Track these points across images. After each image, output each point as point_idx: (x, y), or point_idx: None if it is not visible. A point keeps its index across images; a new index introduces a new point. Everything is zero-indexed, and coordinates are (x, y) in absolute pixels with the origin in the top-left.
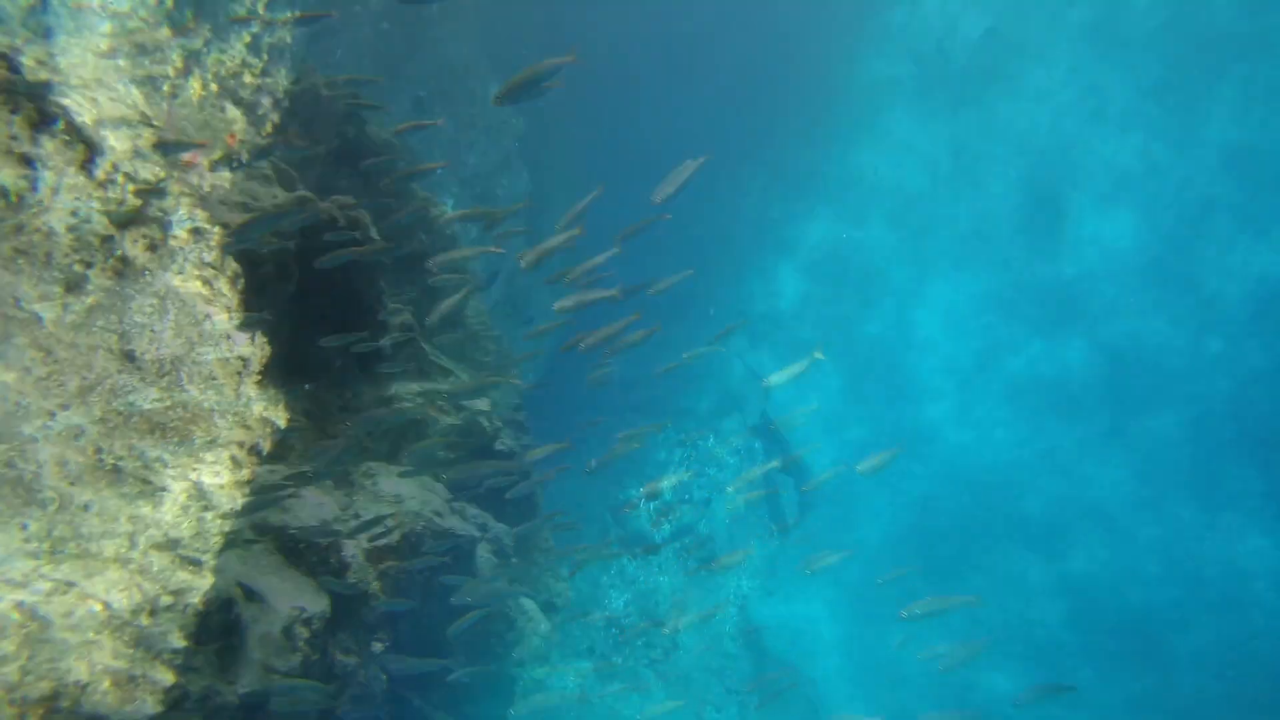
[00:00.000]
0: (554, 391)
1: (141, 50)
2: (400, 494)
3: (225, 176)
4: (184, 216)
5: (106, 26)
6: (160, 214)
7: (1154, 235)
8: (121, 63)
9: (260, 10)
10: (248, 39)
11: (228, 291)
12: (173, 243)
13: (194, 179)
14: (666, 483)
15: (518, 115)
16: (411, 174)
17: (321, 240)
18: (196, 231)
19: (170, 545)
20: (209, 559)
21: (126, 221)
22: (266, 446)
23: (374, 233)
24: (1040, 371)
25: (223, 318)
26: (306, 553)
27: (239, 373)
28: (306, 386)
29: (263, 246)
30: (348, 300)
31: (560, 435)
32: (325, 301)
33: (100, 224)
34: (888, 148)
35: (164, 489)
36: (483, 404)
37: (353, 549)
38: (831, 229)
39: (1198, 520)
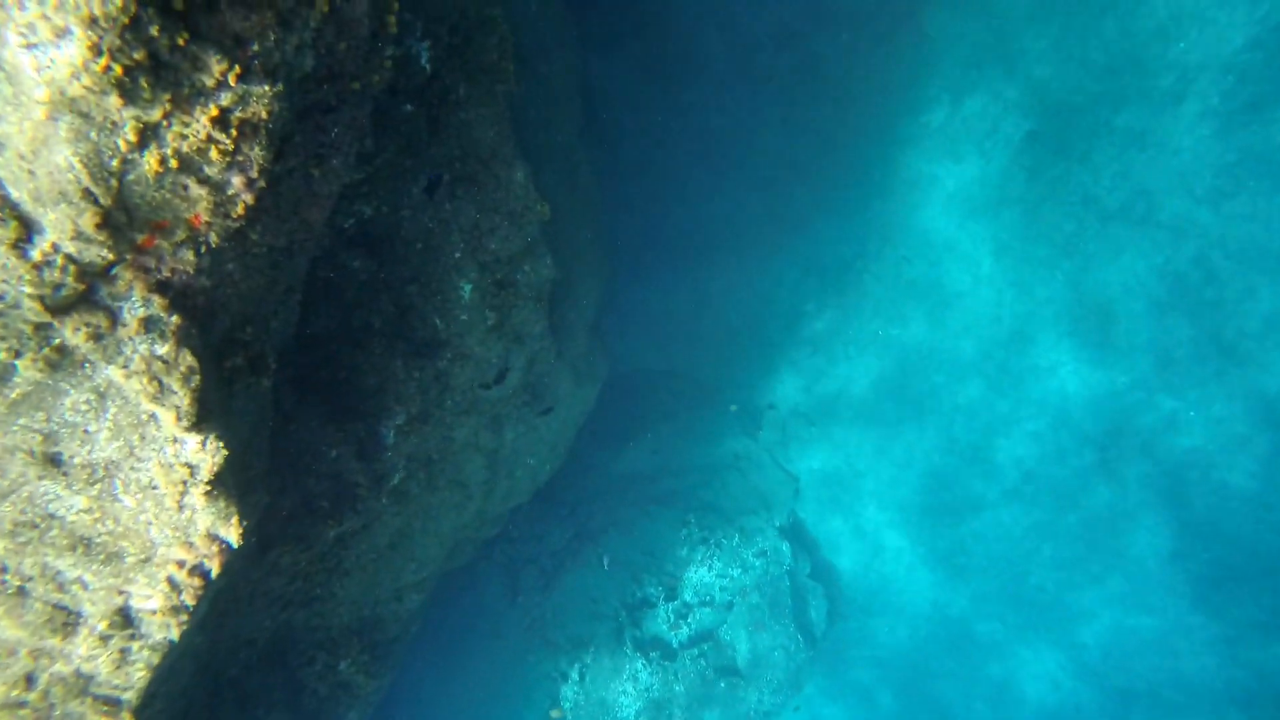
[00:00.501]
0: (573, 480)
1: (87, 120)
2: None
3: (188, 260)
4: (137, 303)
5: (44, 93)
6: (109, 300)
7: (1212, 347)
8: (63, 133)
9: (231, 81)
10: (215, 112)
11: (179, 389)
12: (121, 332)
13: (151, 262)
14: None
15: (544, 201)
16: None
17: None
18: (149, 320)
19: (82, 683)
20: (131, 697)
21: (66, 307)
22: (214, 568)
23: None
24: (1089, 484)
25: (170, 418)
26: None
27: (184, 481)
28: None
29: (236, 334)
30: (350, 386)
31: (577, 523)
32: (327, 387)
33: (32, 310)
34: (926, 246)
35: (80, 615)
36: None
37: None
38: (867, 325)
39: (1276, 664)
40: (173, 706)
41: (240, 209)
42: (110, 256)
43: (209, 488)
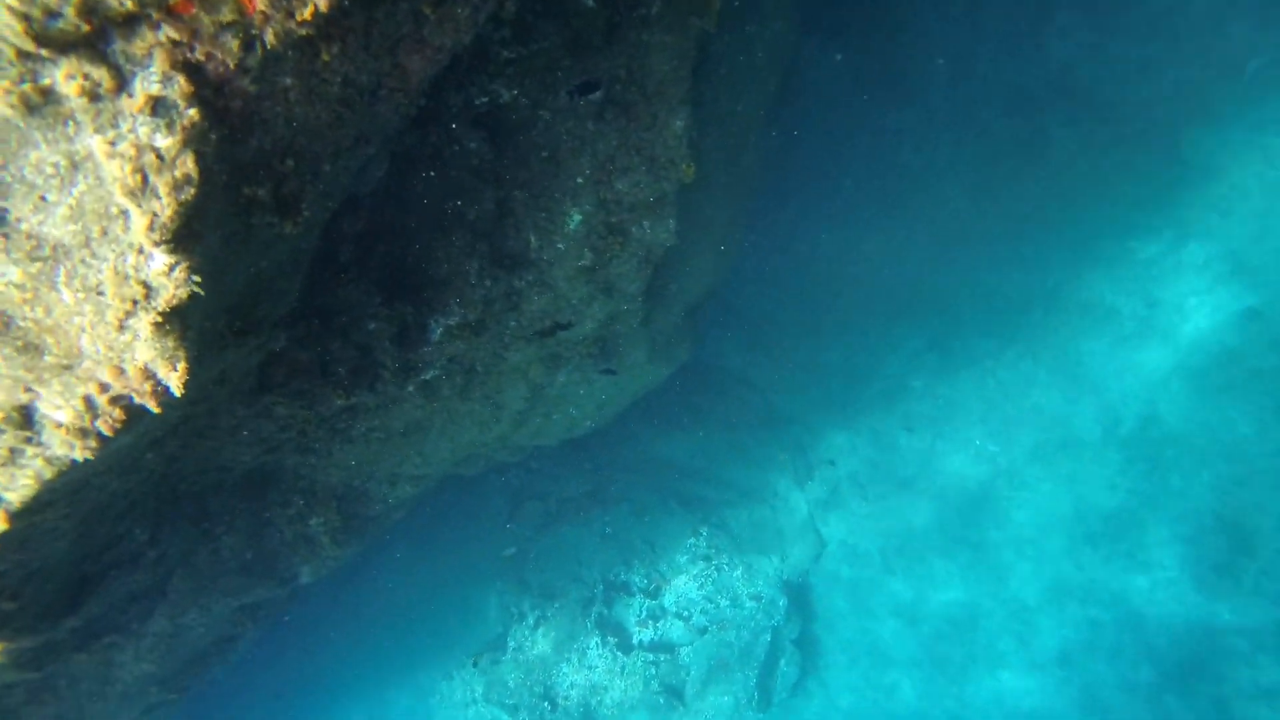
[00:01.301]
0: (611, 441)
1: None
2: None
3: (231, 49)
4: (154, 76)
5: None
6: (121, 59)
7: None
8: None
9: None
10: None
11: (165, 195)
12: (124, 103)
13: (183, 34)
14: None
15: (693, 163)
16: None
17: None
18: (161, 102)
19: None
20: (13, 499)
21: (63, 45)
22: (150, 405)
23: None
24: (1130, 701)
25: (142, 224)
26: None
27: (135, 301)
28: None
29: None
30: (416, 267)
31: (596, 484)
32: (392, 258)
33: (10, 28)
34: (1070, 379)
35: None
36: None
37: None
38: (968, 429)
39: None
40: (101, 513)
41: (309, 11)
42: (132, 6)
43: (161, 319)
